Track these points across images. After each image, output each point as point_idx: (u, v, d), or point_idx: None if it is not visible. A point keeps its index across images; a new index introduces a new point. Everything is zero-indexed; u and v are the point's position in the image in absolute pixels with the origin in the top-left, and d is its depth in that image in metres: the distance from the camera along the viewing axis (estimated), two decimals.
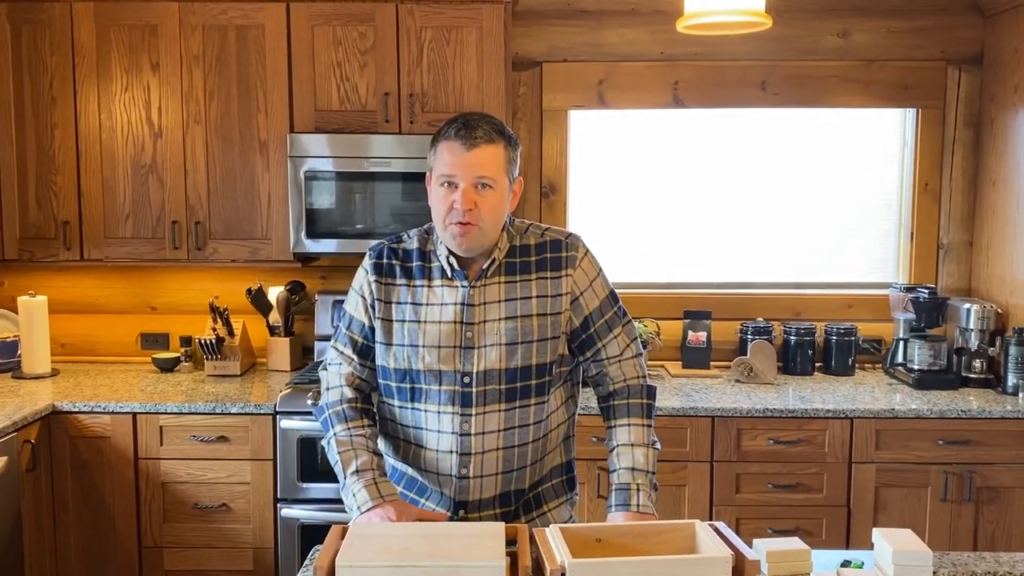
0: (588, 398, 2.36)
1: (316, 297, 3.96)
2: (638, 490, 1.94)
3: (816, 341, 3.91)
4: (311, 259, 3.87)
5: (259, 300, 3.85)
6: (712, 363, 3.95)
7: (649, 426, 2.03)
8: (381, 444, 2.11)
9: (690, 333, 3.94)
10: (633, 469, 1.96)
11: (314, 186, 3.54)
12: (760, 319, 3.97)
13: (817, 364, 3.93)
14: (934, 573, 1.81)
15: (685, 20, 2.66)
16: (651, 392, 2.08)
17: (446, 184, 1.93)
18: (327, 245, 3.57)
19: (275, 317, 3.88)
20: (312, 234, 3.55)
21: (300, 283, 3.95)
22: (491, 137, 1.93)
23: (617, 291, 2.14)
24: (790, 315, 4.03)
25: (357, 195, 3.57)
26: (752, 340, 3.82)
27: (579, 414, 2.25)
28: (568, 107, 3.96)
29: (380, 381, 2.06)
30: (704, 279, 4.11)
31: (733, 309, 4.03)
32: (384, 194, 3.56)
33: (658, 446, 2.04)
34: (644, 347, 3.66)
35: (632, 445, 1.99)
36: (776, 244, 4.11)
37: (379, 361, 2.04)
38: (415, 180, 3.46)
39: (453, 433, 1.97)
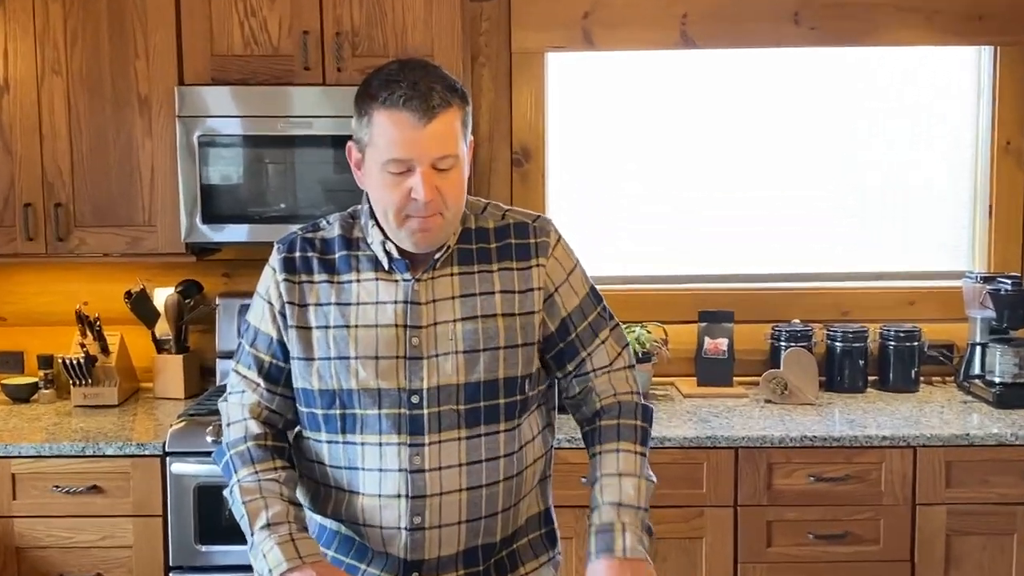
0: (573, 427, 2.35)
1: (217, 301, 3.95)
2: (624, 531, 1.92)
3: (869, 348, 3.90)
4: (210, 251, 3.85)
5: (141, 306, 3.83)
6: (735, 379, 3.94)
7: (643, 455, 2.03)
8: (303, 494, 2.11)
9: (707, 340, 3.93)
10: (620, 505, 1.95)
11: (212, 155, 3.53)
12: (797, 321, 3.96)
13: (871, 377, 3.93)
14: None
15: None
16: (647, 413, 2.09)
17: (395, 170, 1.92)
18: (232, 233, 3.57)
19: (163, 328, 3.87)
20: (211, 218, 3.54)
21: (196, 283, 3.94)
22: (448, 99, 1.92)
23: (612, 288, 2.17)
24: (835, 315, 4.02)
25: (271, 166, 3.57)
26: (787, 348, 3.80)
27: (563, 448, 2.25)
28: (545, 48, 3.94)
29: (302, 410, 2.05)
30: (724, 271, 4.11)
31: (762, 309, 4.02)
32: (308, 164, 3.56)
33: (653, 479, 2.04)
34: (648, 359, 3.74)
35: (620, 475, 1.98)
36: (816, 225, 4.11)
37: (298, 383, 2.03)
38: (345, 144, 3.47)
39: (400, 470, 1.97)
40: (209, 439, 3.29)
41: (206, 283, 3.99)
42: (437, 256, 2.01)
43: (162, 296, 3.90)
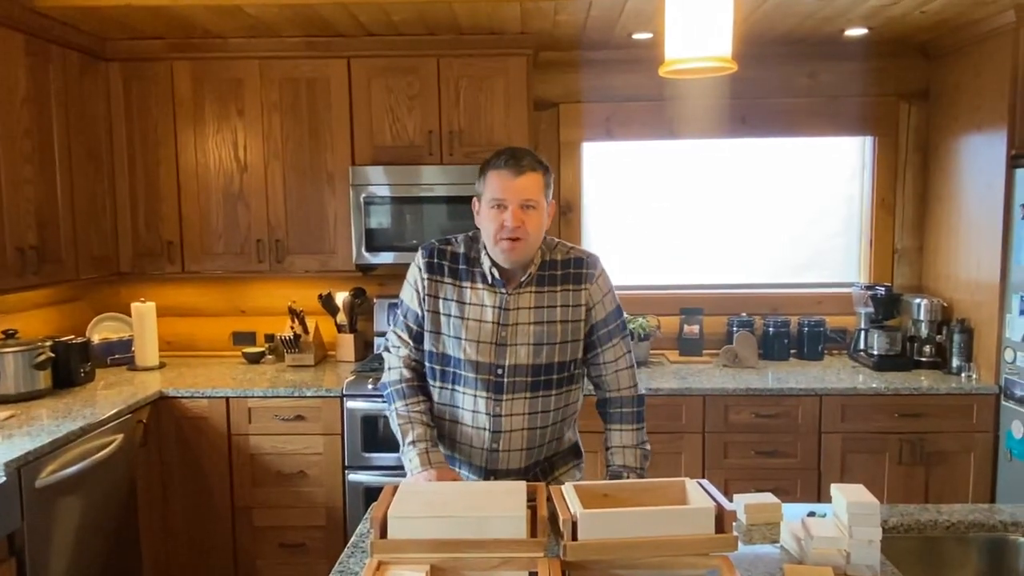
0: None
1: (375, 300, 3.95)
2: (627, 478, 1.95)
3: (791, 332, 3.84)
4: (370, 269, 3.84)
5: (328, 303, 3.86)
6: (704, 351, 3.90)
7: (639, 429, 2.02)
8: None
9: (685, 326, 3.90)
10: (624, 466, 1.98)
11: (372, 209, 3.52)
12: (744, 314, 3.92)
13: (792, 351, 3.86)
14: (885, 522, 1.81)
15: (666, 66, 2.66)
16: (641, 400, 2.05)
17: (496, 206, 1.90)
18: (384, 257, 3.55)
19: (342, 317, 3.88)
20: (371, 248, 3.54)
21: (362, 289, 3.93)
22: (534, 166, 1.91)
23: (624, 292, 2.08)
24: (769, 310, 3.97)
25: (408, 215, 3.53)
26: (737, 331, 3.76)
27: (588, 394, 2.17)
28: (581, 140, 3.91)
29: (427, 364, 2.03)
30: (697, 281, 4.04)
31: (721, 306, 3.97)
32: (430, 215, 3.52)
33: (648, 447, 2.01)
34: (648, 338, 3.68)
35: (623, 448, 1.99)
36: (757, 251, 4.04)
37: (427, 346, 2.01)
38: (455, 202, 3.46)
39: (486, 414, 1.96)
40: (370, 387, 3.29)
41: (368, 288, 3.97)
42: (523, 279, 1.96)
43: (341, 297, 3.90)
